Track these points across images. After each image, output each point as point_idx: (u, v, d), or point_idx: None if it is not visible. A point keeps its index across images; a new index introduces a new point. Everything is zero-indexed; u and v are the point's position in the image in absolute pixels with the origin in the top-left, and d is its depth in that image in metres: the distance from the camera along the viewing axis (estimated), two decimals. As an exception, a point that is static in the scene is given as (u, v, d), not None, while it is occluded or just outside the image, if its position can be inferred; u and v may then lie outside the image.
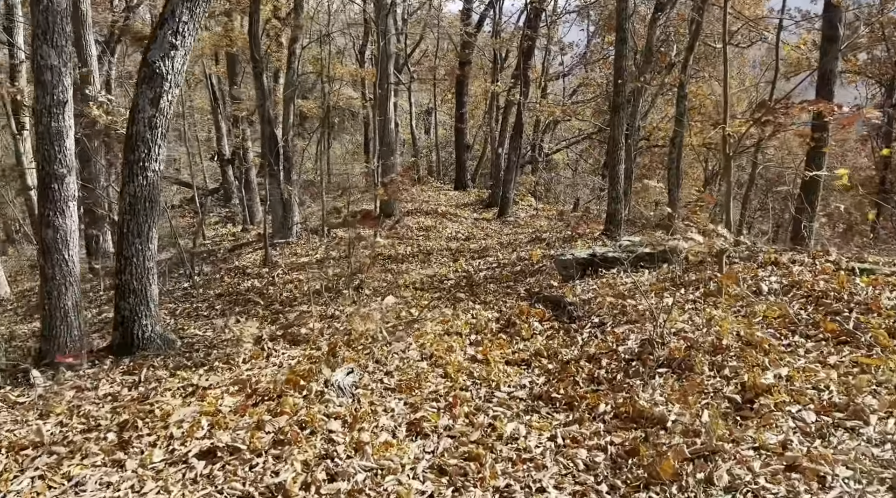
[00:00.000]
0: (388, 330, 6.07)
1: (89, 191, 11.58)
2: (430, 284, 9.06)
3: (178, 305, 8.62)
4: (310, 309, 7.17)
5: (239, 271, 10.09)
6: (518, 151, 15.78)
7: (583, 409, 4.53)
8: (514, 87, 16.66)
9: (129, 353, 5.82)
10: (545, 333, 6.38)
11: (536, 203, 17.36)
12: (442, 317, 6.97)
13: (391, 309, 7.19)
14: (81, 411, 4.30)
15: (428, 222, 13.82)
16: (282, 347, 5.70)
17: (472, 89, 27.20)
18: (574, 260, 8.03)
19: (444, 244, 11.82)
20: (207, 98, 19.71)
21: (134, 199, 5.66)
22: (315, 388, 4.52)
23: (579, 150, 29.34)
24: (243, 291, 8.86)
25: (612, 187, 12.22)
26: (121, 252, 5.78)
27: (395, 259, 10.64)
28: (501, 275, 9.32)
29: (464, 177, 20.88)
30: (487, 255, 10.83)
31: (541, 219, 14.84)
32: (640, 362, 5.14)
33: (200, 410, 4.27)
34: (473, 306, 7.77)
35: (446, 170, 26.50)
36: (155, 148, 5.64)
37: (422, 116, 30.18)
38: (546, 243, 11.20)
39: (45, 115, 5.05)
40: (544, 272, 9.09)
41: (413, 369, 5.21)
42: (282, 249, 12.06)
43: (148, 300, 5.90)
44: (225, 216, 18.40)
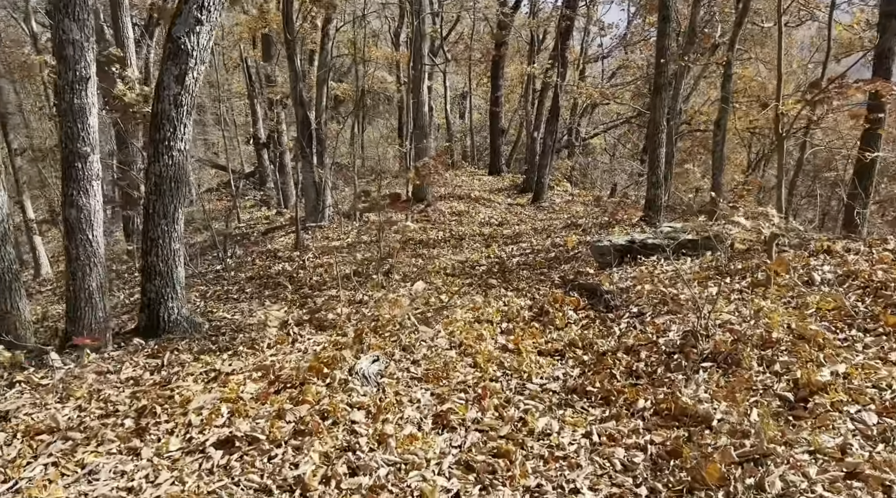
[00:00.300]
0: (417, 316, 5.86)
1: (125, 173, 11.63)
2: (461, 269, 8.83)
3: (209, 288, 8.57)
4: (338, 294, 7.01)
5: (270, 254, 10.01)
6: (554, 135, 15.36)
7: (620, 404, 4.26)
8: (550, 69, 16.20)
9: (155, 335, 5.74)
10: (580, 323, 6.10)
11: (572, 188, 16.95)
12: (472, 304, 6.73)
13: (420, 295, 6.98)
14: (101, 396, 4.20)
15: (461, 207, 13.56)
16: (308, 332, 5.54)
17: (509, 73, 26.70)
18: (611, 246, 7.69)
19: (477, 229, 11.55)
20: (244, 82, 19.69)
21: (160, 180, 5.55)
22: (339, 376, 4.34)
23: (617, 134, 28.64)
24: (274, 275, 8.77)
25: (651, 172, 11.77)
26: (147, 234, 5.68)
27: (427, 244, 10.43)
28: (535, 261, 9.04)
29: (498, 162, 20.51)
30: (521, 240, 10.54)
31: (577, 204, 14.45)
32: (682, 356, 4.83)
33: (221, 396, 4.12)
34: (505, 293, 7.51)
35: (481, 155, 26.15)
36: (180, 127, 5.50)
37: (457, 100, 29.81)
38: (582, 229, 10.85)
39: (66, 92, 4.94)
40: (580, 259, 8.78)
41: (441, 358, 4.99)
42: (314, 232, 11.96)
43: (174, 282, 5.80)
44: (260, 200, 18.45)
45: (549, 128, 15.29)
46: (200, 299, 7.76)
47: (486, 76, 26.79)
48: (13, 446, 3.49)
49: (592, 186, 20.39)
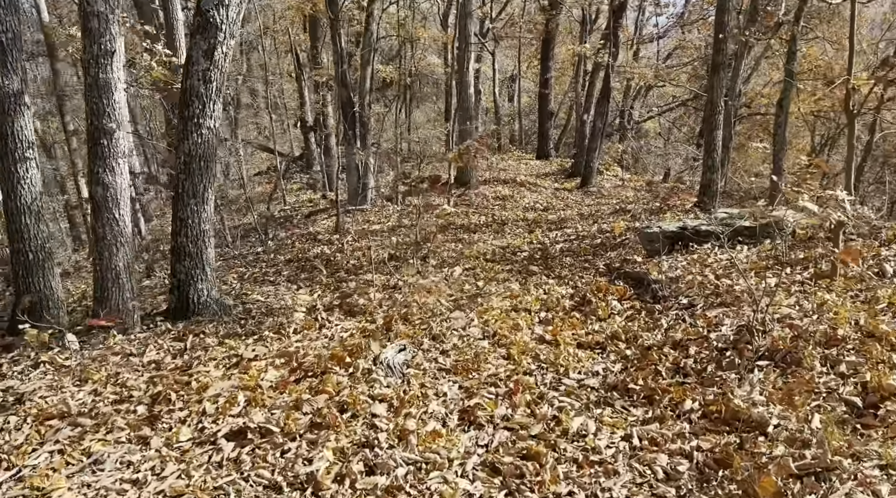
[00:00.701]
0: (450, 304, 5.58)
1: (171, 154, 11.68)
2: (501, 255, 8.49)
3: (247, 270, 8.48)
4: (373, 278, 6.79)
5: (310, 237, 9.88)
6: (604, 118, 14.75)
7: (665, 405, 3.89)
8: (602, 49, 15.56)
9: (184, 317, 5.64)
10: (624, 314, 5.70)
11: (623, 173, 16.30)
12: (510, 291, 6.40)
13: (456, 281, 6.69)
14: (119, 379, 4.08)
15: (505, 191, 13.16)
16: (337, 318, 5.33)
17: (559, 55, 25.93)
18: (661, 233, 7.22)
19: (521, 214, 11.16)
20: (294, 66, 19.63)
21: (189, 158, 5.40)
22: (362, 365, 4.10)
23: (672, 118, 27.57)
24: (312, 258, 8.62)
25: (707, 155, 11.14)
26: (176, 214, 5.56)
27: (468, 228, 10.11)
28: (579, 248, 8.62)
29: (546, 145, 19.94)
30: (565, 226, 10.11)
31: (627, 190, 13.86)
32: (735, 353, 4.41)
33: (240, 384, 3.95)
34: (546, 281, 7.15)
35: (529, 138, 25.56)
36: (210, 104, 5.32)
37: (505, 83, 29.21)
38: (631, 215, 10.33)
39: (92, 66, 4.82)
40: (627, 246, 8.32)
41: (472, 349, 4.70)
42: (355, 215, 11.79)
43: (203, 264, 5.67)
44: (306, 183, 18.45)
45: (600, 110, 14.69)
46: (238, 281, 7.66)
47: (535, 58, 26.10)
48: (22, 431, 3.39)
49: (645, 171, 19.63)
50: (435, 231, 7.65)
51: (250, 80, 22.75)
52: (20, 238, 5.31)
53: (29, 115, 5.25)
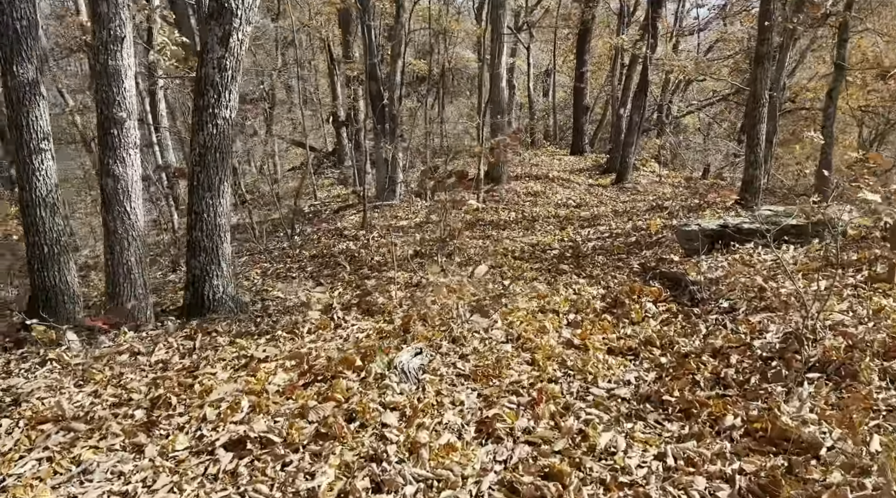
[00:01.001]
0: (473, 304, 5.27)
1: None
2: (530, 253, 8.15)
3: (272, 265, 8.32)
4: (395, 275, 6.53)
5: (337, 233, 9.69)
6: (642, 112, 14.23)
7: (703, 420, 3.52)
8: (640, 41, 15.02)
9: (199, 314, 5.47)
10: (660, 317, 5.32)
11: (661, 169, 15.74)
12: (537, 291, 6.06)
13: (481, 279, 6.38)
14: (121, 380, 3.90)
15: (537, 187, 12.78)
16: (353, 317, 5.08)
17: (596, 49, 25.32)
18: (700, 231, 6.78)
19: (552, 211, 10.78)
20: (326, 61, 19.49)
21: (203, 150, 5.21)
22: (375, 370, 3.83)
23: (712, 113, 26.71)
24: (337, 254, 8.42)
25: (750, 150, 10.59)
26: (191, 207, 5.38)
27: (497, 225, 9.78)
28: (613, 246, 8.22)
29: (581, 141, 19.43)
30: (599, 223, 9.70)
31: (664, 186, 13.34)
32: (782, 363, 4.01)
33: (245, 388, 3.71)
34: (577, 280, 6.79)
35: (563, 134, 25.03)
36: (225, 93, 5.12)
37: (540, 78, 28.66)
38: (668, 212, 9.87)
39: (101, 52, 4.64)
40: (663, 245, 7.89)
41: (494, 353, 4.38)
42: (383, 211, 11.57)
43: (219, 259, 5.49)
44: (337, 178, 18.34)
45: (637, 103, 14.18)
46: (260, 276, 7.50)
47: (571, 53, 25.54)
48: (12, 436, 3.21)
49: (683, 167, 18.96)
50: (460, 228, 7.34)
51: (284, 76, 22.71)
52: (35, 231, 5.20)
53: (44, 106, 5.13)
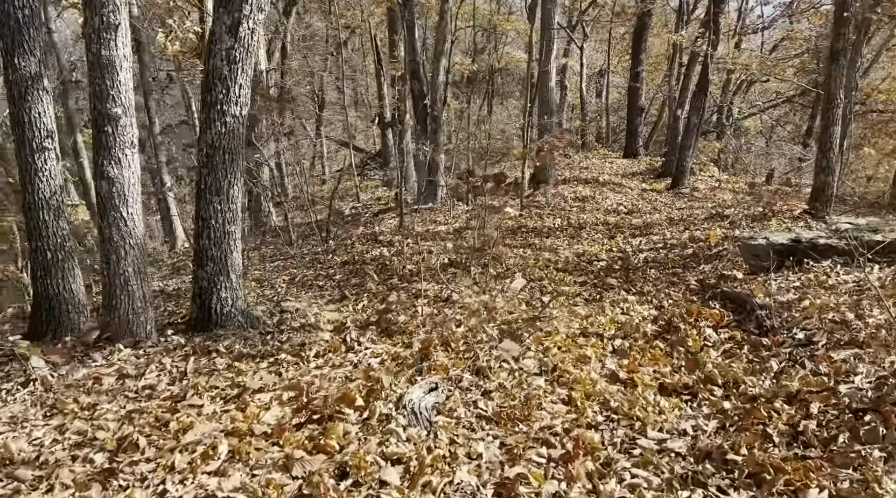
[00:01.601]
0: (504, 326, 4.60)
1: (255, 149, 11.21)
2: (575, 264, 7.40)
3: (301, 271, 7.83)
4: (424, 288, 5.91)
5: (372, 238, 9.15)
6: (701, 113, 13.21)
7: (779, 490, 2.79)
8: (701, 38, 13.99)
9: (205, 329, 4.99)
10: (721, 347, 4.53)
11: (720, 174, 14.64)
12: (573, 314, 5.32)
13: (516, 295, 5.70)
14: (95, 412, 3.40)
15: (585, 192, 11.94)
16: (369, 339, 4.48)
17: (652, 49, 24.16)
18: (768, 245, 5.91)
19: (601, 217, 9.96)
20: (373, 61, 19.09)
21: (211, 150, 4.71)
22: (380, 409, 3.21)
23: (775, 115, 25.18)
24: (369, 261, 7.87)
25: (822, 155, 9.54)
26: (198, 213, 4.89)
27: (539, 232, 9.05)
28: (667, 258, 7.39)
29: (634, 143, 18.39)
30: (652, 232, 8.86)
31: (724, 192, 12.30)
32: (878, 418, 3.21)
33: (228, 427, 3.16)
34: (625, 297, 6.03)
35: (616, 136, 23.97)
36: (235, 88, 4.62)
37: (593, 78, 27.62)
38: (729, 222, 8.93)
39: (93, 41, 4.19)
40: (724, 259, 7.03)
41: (524, 388, 3.71)
42: (423, 214, 10.99)
43: (228, 269, 4.99)
44: (382, 180, 17.90)
45: (696, 104, 13.17)
46: (286, 284, 7.02)
47: (626, 53, 24.45)
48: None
49: (744, 172, 17.72)
50: (496, 237, 6.67)
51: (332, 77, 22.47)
52: (38, 235, 4.82)
53: (48, 101, 4.75)
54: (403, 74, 14.56)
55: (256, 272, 7.99)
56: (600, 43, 26.54)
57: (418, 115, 11.30)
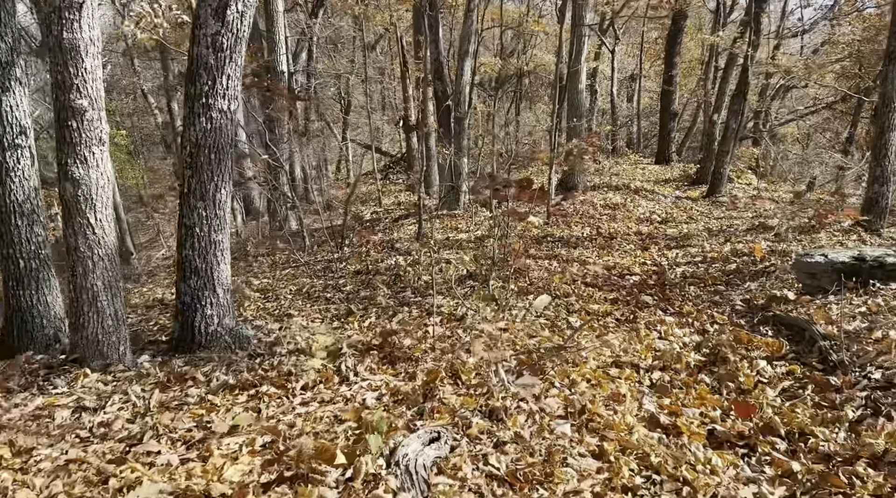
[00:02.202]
0: (524, 355, 3.95)
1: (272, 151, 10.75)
2: (605, 279, 6.71)
3: (311, 281, 7.27)
4: (436, 304, 5.29)
5: (388, 245, 8.56)
6: (740, 118, 12.37)
7: None
8: (740, 38, 13.15)
9: (188, 349, 4.43)
10: (779, 385, 3.81)
11: (758, 181, 13.74)
12: (603, 341, 4.64)
13: (539, 316, 5.05)
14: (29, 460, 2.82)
15: (616, 199, 11.20)
16: (367, 367, 3.86)
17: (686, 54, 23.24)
18: (827, 264, 5.15)
19: (633, 227, 9.23)
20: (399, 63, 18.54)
21: (195, 149, 4.15)
22: (366, 467, 2.59)
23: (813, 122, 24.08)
24: (383, 270, 7.28)
25: (876, 163, 8.69)
26: (181, 220, 4.33)
27: (567, 242, 8.36)
28: (707, 274, 6.65)
29: (667, 149, 17.53)
30: (689, 244, 8.10)
31: (764, 201, 11.42)
32: None
33: (179, 487, 2.56)
34: (662, 318, 5.33)
35: (648, 141, 23.09)
36: (221, 78, 4.05)
37: (624, 83, 26.75)
38: (774, 234, 8.12)
39: (54, 23, 3.59)
40: (772, 275, 6.26)
41: (545, 438, 3.06)
42: (445, 221, 10.39)
43: (214, 283, 4.43)
44: (406, 184, 17.34)
45: (734, 108, 12.34)
46: (291, 296, 6.47)
47: (658, 58, 23.57)
48: None
49: (783, 180, 16.73)
50: (518, 249, 6.01)
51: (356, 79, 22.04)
52: (10, 242, 4.32)
53: (22, 93, 4.24)
54: (427, 76, 14.00)
55: (265, 280, 7.46)
56: (632, 47, 25.69)
57: (441, 117, 10.71)
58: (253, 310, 5.92)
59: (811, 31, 23.50)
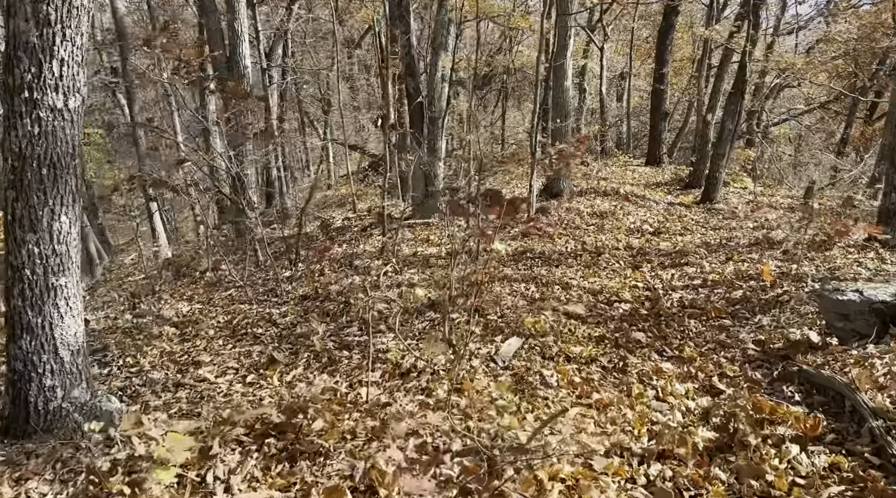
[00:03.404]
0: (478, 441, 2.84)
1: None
2: (591, 306, 5.61)
3: (247, 308, 6.11)
4: (387, 348, 4.18)
5: (347, 262, 7.43)
6: (737, 118, 11.32)
7: None
8: (736, 33, 12.08)
9: (21, 433, 3.27)
10: (824, 492, 2.72)
11: (754, 186, 12.66)
12: (581, 447, 3.52)
13: (507, 367, 3.93)
14: None
15: (604, 206, 10.08)
16: (247, 474, 2.69)
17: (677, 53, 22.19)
18: (865, 304, 4.05)
19: (623, 239, 8.11)
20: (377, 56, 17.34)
21: (19, 162, 2.99)
22: None
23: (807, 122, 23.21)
24: (334, 295, 6.16)
25: (894, 170, 7.65)
26: (7, 257, 3.18)
27: (548, 259, 7.24)
28: (709, 303, 5.56)
29: (658, 150, 16.45)
30: (685, 262, 7.00)
31: (763, 208, 10.36)
32: None
33: None
34: (658, 365, 4.25)
35: (638, 142, 22.05)
36: (51, 64, 2.88)
37: (614, 81, 25.69)
38: (782, 252, 7.04)
39: None
40: (787, 306, 5.19)
41: None
42: (417, 231, 9.27)
43: (56, 344, 3.27)
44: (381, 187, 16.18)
45: (731, 107, 11.27)
46: (216, 331, 5.34)
47: (649, 56, 22.49)
48: None
49: (778, 183, 15.69)
50: (480, 281, 4.89)
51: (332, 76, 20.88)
52: None
53: None
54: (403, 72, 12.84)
55: (198, 306, 6.32)
56: (622, 44, 24.61)
57: (413, 117, 9.59)
58: (154, 355, 4.78)
59: (806, 29, 22.51)
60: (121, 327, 5.59)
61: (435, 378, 3.83)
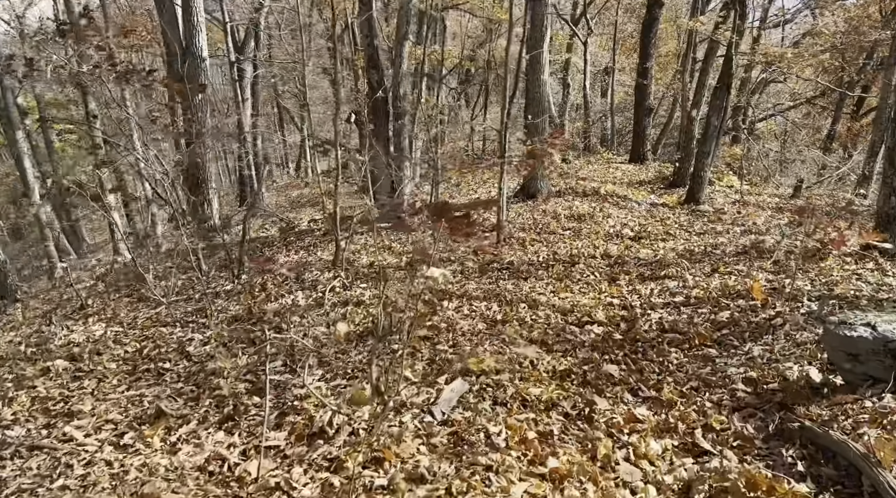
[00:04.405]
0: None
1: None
2: (558, 329, 4.83)
3: (167, 332, 5.29)
4: (304, 394, 3.38)
5: (295, 275, 6.61)
6: (723, 114, 10.56)
7: None
8: (723, 23, 11.34)
9: None
10: None
11: (740, 184, 11.93)
12: (553, 456, 2.75)
13: (447, 422, 3.14)
14: None
15: (583, 208, 9.30)
16: None
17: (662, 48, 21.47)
18: (880, 342, 3.29)
19: (600, 246, 7.33)
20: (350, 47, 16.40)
21: None
22: None
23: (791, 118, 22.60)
24: (269, 317, 5.36)
25: (893, 170, 6.92)
26: None
27: (517, 271, 6.45)
28: (692, 327, 4.79)
29: (642, 147, 15.70)
30: (667, 274, 6.23)
31: (750, 209, 9.63)
32: None
33: None
34: (632, 409, 3.49)
35: (622, 138, 21.32)
36: None
37: (598, 77, 24.90)
38: (773, 261, 6.28)
39: None
40: (780, 331, 4.44)
41: None
42: (380, 236, 8.46)
43: None
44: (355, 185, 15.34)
45: (717, 103, 10.51)
46: (118, 365, 4.52)
47: (634, 51, 21.73)
48: None
49: (764, 180, 14.99)
50: (413, 319, 4.07)
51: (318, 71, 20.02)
52: None
53: None
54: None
55: (117, 328, 5.48)
56: (606, 39, 23.84)
57: (376, 112, 8.76)
58: (23, 403, 3.94)
59: (792, 22, 21.81)
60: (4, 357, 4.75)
61: (352, 441, 3.04)
